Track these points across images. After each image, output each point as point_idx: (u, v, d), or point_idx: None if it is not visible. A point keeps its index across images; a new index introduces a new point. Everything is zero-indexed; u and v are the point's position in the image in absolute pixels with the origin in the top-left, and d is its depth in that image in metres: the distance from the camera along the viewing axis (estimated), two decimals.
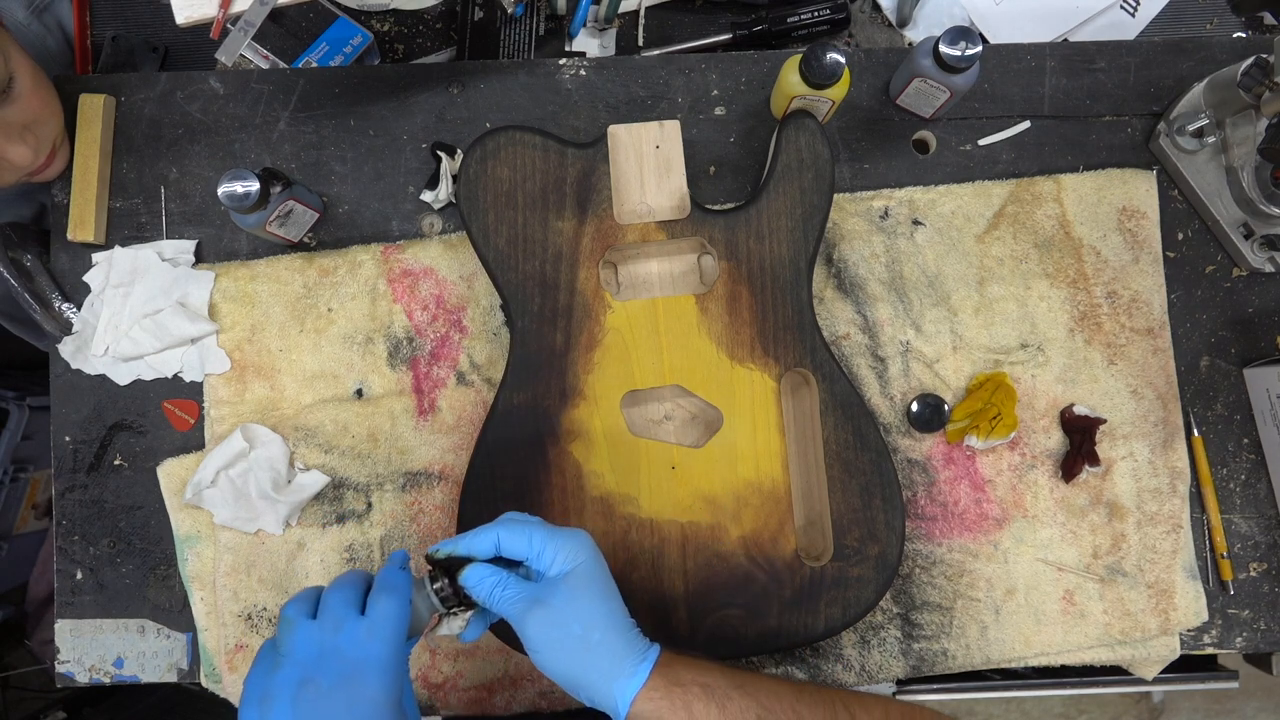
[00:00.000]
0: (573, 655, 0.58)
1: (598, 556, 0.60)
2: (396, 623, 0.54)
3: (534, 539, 0.59)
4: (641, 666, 0.58)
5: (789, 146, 0.73)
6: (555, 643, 0.58)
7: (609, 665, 0.58)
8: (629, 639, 0.59)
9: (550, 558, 0.59)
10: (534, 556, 0.59)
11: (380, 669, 0.53)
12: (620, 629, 0.59)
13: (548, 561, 0.59)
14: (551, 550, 0.59)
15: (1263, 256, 0.79)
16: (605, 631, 0.58)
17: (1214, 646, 0.79)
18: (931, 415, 0.78)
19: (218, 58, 0.69)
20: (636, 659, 0.58)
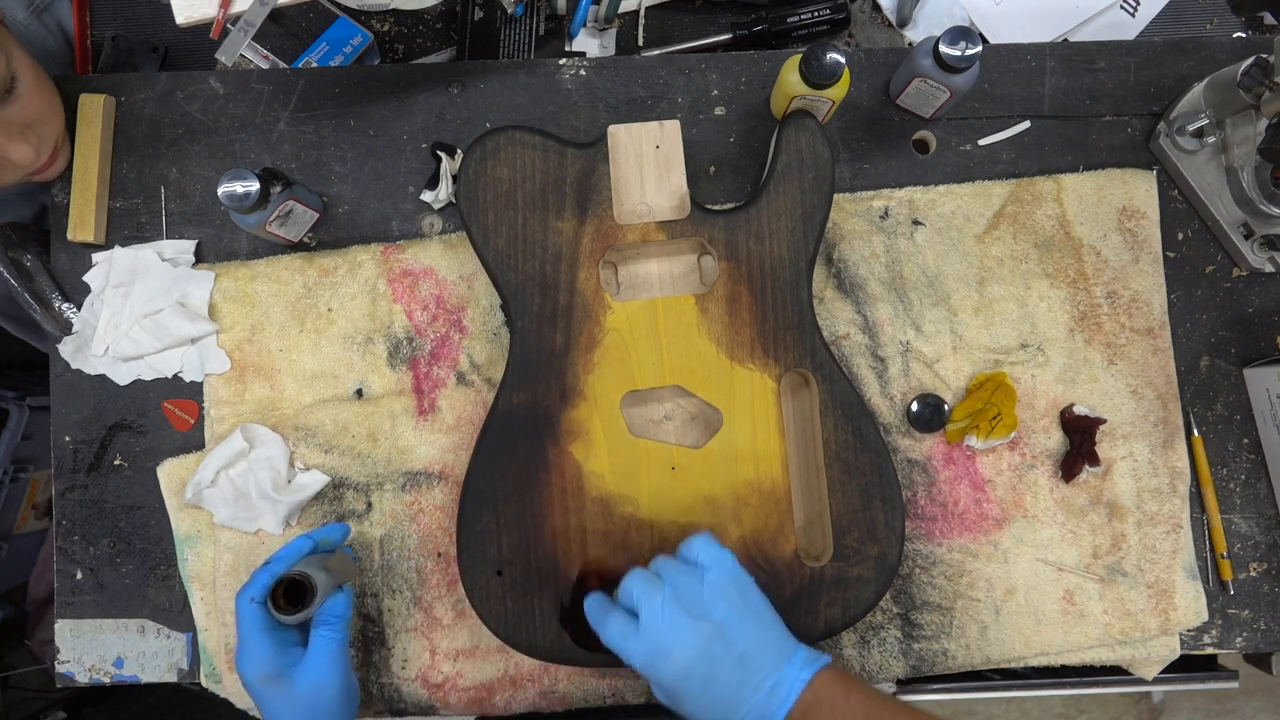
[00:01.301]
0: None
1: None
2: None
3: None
4: (814, 658, 0.59)
5: (789, 146, 0.73)
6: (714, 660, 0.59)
7: (774, 656, 0.59)
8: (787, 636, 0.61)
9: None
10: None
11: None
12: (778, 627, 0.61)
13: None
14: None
15: (1263, 256, 0.79)
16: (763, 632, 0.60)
17: (1214, 646, 0.79)
18: (931, 415, 0.78)
19: (218, 58, 0.69)
20: (806, 654, 0.59)
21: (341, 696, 0.64)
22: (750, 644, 0.59)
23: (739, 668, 0.58)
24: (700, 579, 0.61)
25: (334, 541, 0.70)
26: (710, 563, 0.61)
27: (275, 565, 0.64)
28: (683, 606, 0.59)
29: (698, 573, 0.61)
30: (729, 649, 0.59)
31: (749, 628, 0.59)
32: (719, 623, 0.59)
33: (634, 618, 0.61)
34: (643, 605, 0.60)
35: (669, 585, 0.60)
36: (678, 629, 0.59)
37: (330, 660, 0.64)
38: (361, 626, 0.77)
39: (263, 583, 0.63)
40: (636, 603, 0.61)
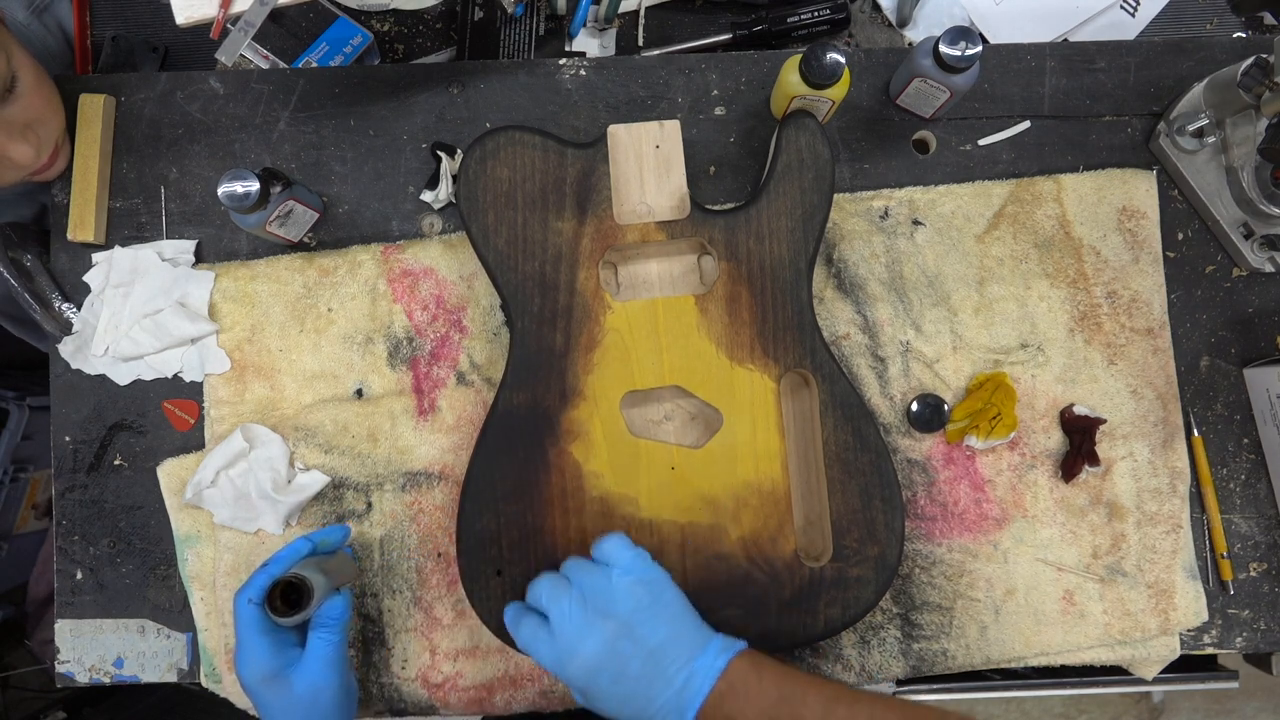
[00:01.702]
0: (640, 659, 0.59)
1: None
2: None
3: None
4: (728, 646, 0.60)
5: (789, 146, 0.73)
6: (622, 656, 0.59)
7: (687, 649, 0.59)
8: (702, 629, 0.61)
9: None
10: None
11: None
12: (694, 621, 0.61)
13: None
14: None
15: (1263, 256, 0.79)
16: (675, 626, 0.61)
17: (1214, 646, 0.79)
18: (931, 415, 0.78)
19: (218, 58, 0.69)
20: (720, 643, 0.60)
21: (339, 698, 0.65)
22: (660, 639, 0.59)
23: (649, 663, 0.59)
24: (608, 577, 0.61)
25: (334, 543, 0.70)
26: (619, 562, 0.62)
27: (273, 567, 0.64)
28: (589, 606, 0.60)
29: (605, 572, 0.62)
30: (638, 645, 0.59)
31: (658, 624, 0.60)
32: (625, 620, 0.60)
33: (545, 620, 0.62)
34: (550, 607, 0.61)
35: (576, 586, 0.62)
36: (584, 628, 0.60)
37: (328, 662, 0.64)
38: (361, 626, 0.77)
39: (260, 584, 0.63)
40: (545, 605, 0.62)
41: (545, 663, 0.62)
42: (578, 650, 0.60)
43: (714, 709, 0.58)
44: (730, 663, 0.59)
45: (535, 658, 0.62)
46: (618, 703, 0.60)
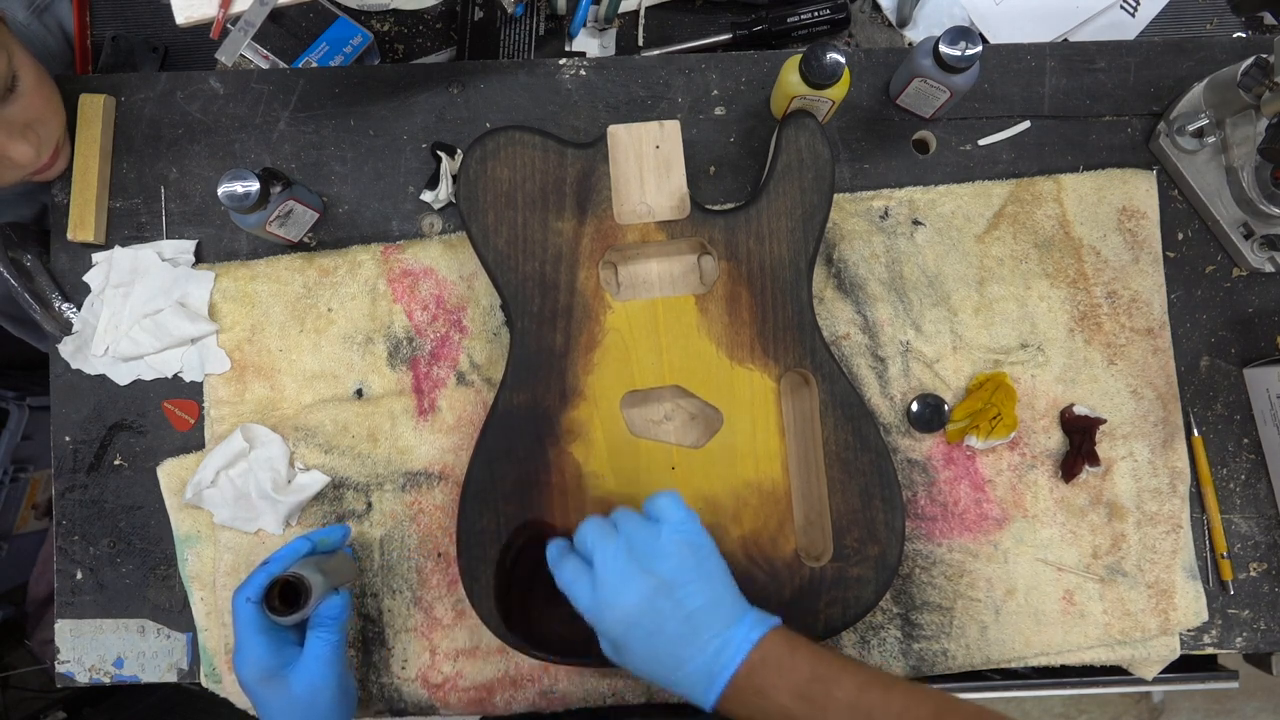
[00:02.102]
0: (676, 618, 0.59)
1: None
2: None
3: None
4: (763, 620, 0.59)
5: (789, 146, 0.73)
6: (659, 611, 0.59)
7: (724, 617, 0.59)
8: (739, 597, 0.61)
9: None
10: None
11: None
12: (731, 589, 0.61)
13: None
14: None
15: (1263, 256, 0.79)
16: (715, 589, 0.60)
17: (1214, 646, 0.79)
18: (931, 415, 0.78)
19: (218, 58, 0.69)
20: (756, 615, 0.60)
21: (337, 698, 0.65)
22: (699, 604, 0.59)
23: (685, 625, 0.59)
24: (657, 534, 0.61)
25: (333, 543, 0.70)
26: (669, 519, 0.62)
27: (272, 565, 0.64)
28: (634, 558, 0.60)
29: (655, 528, 0.61)
30: (677, 606, 0.59)
31: (699, 588, 0.60)
32: (668, 579, 0.59)
33: (588, 564, 0.61)
34: (596, 552, 0.61)
35: (624, 536, 0.61)
36: (625, 579, 0.59)
37: (326, 662, 0.64)
38: (361, 626, 0.77)
39: (259, 583, 0.63)
40: (590, 550, 0.61)
41: (582, 606, 0.61)
42: (617, 600, 0.59)
43: (745, 680, 0.58)
44: (765, 636, 0.59)
45: (573, 600, 0.62)
46: (648, 660, 0.60)
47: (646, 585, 0.59)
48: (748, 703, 0.58)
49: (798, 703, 0.57)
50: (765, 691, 0.57)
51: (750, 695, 0.58)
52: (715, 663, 0.58)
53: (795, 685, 0.57)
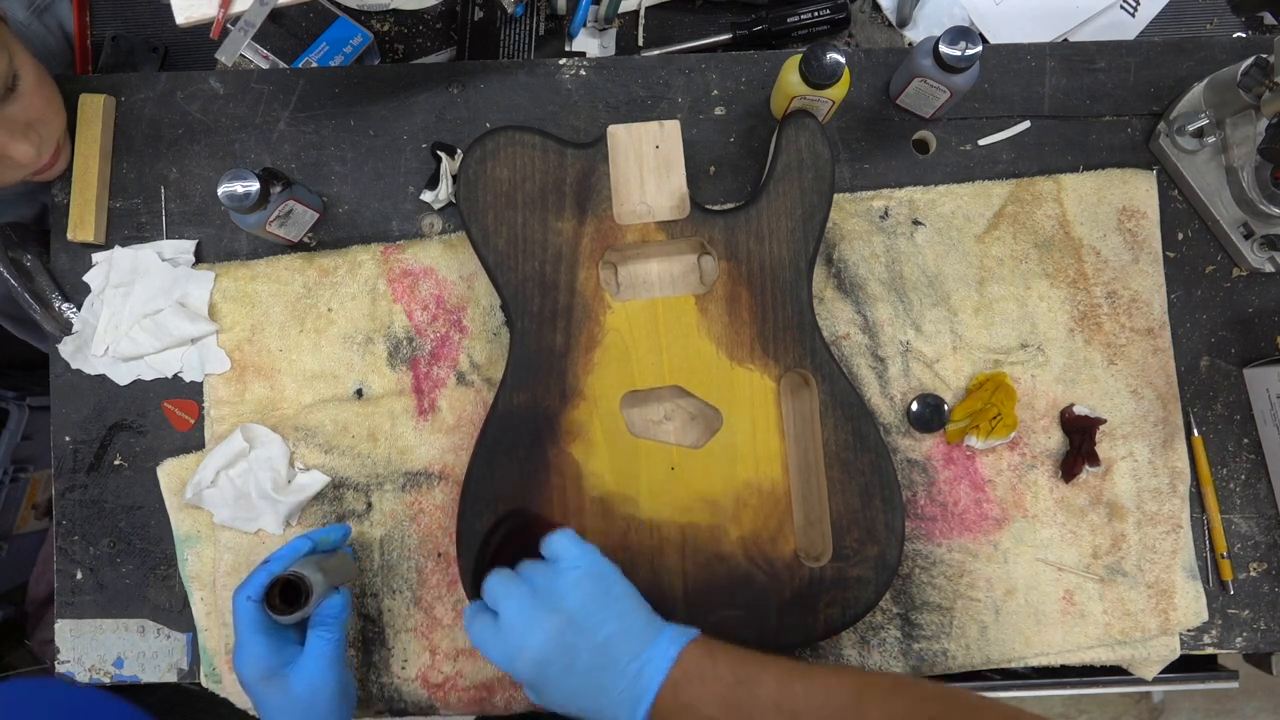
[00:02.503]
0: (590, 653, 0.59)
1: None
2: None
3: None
4: (680, 635, 0.60)
5: (789, 146, 0.73)
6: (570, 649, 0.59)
7: (638, 641, 0.59)
8: (653, 617, 0.61)
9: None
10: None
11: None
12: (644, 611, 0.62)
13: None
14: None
15: (1263, 256, 0.79)
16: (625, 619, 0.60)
17: (1214, 646, 0.79)
18: (931, 415, 0.78)
19: (218, 58, 0.69)
20: (672, 632, 0.60)
21: (337, 697, 0.65)
22: (609, 632, 0.59)
23: (599, 655, 0.59)
24: (556, 573, 0.61)
25: (333, 542, 0.70)
26: (565, 556, 0.62)
27: (273, 564, 0.64)
28: (537, 600, 0.60)
29: (554, 567, 0.62)
30: (586, 637, 0.59)
31: (607, 616, 0.60)
32: (573, 613, 0.60)
33: (496, 617, 0.62)
34: (500, 603, 0.61)
35: (526, 582, 0.61)
36: (530, 622, 0.60)
37: (326, 661, 0.64)
38: (361, 626, 0.77)
39: (259, 581, 0.63)
40: (495, 601, 0.62)
41: (495, 658, 0.61)
42: (525, 644, 0.59)
43: (670, 698, 0.58)
44: (682, 651, 0.59)
45: (486, 654, 0.62)
46: (569, 697, 0.60)
47: (553, 624, 0.59)
48: (676, 719, 0.58)
49: (725, 711, 0.57)
50: (693, 705, 0.57)
51: (677, 712, 0.58)
52: (636, 686, 0.58)
53: (719, 694, 0.57)
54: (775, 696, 0.57)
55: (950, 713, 0.55)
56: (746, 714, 0.57)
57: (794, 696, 0.57)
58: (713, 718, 0.57)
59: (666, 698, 0.57)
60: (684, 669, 0.58)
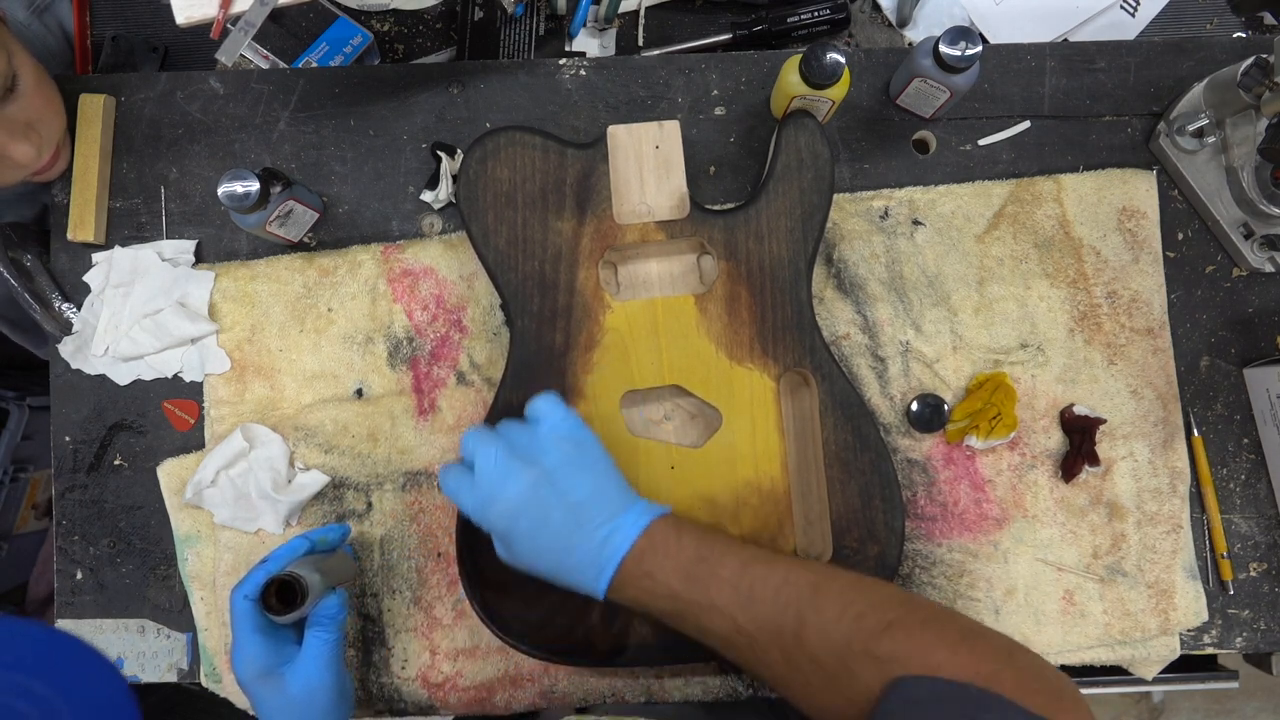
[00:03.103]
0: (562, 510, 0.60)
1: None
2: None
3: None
4: (651, 509, 0.61)
5: (789, 146, 0.73)
6: (543, 504, 0.60)
7: (610, 506, 0.60)
8: (627, 491, 0.62)
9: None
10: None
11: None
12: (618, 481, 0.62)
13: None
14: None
15: (1263, 256, 0.79)
16: (601, 482, 0.61)
17: (1214, 646, 0.79)
18: (931, 415, 0.78)
19: (218, 58, 0.69)
20: (644, 505, 0.61)
21: (334, 697, 0.65)
22: (583, 494, 0.60)
23: (570, 515, 0.59)
24: (535, 432, 0.62)
25: (332, 542, 0.70)
26: (547, 418, 0.63)
27: (271, 564, 0.64)
28: (515, 454, 0.61)
29: (534, 427, 0.63)
30: (560, 496, 0.60)
31: (582, 479, 0.61)
32: (549, 469, 0.60)
33: (471, 470, 0.62)
34: (477, 454, 0.61)
35: (504, 437, 0.62)
36: (506, 473, 0.60)
37: (323, 661, 0.64)
38: (361, 626, 0.77)
39: (256, 581, 0.63)
40: (472, 453, 0.62)
41: (468, 508, 0.62)
42: (499, 494, 0.60)
43: (634, 565, 0.59)
44: (652, 522, 0.60)
45: (459, 504, 0.63)
46: (536, 553, 0.61)
47: (528, 476, 0.60)
48: (637, 585, 0.59)
49: (683, 583, 0.58)
50: (653, 574, 0.59)
51: (639, 579, 0.59)
52: (603, 551, 0.59)
53: (681, 566, 0.58)
54: (734, 576, 0.58)
55: (908, 619, 0.54)
56: (704, 588, 0.58)
57: (752, 578, 0.58)
58: (671, 587, 0.58)
59: (630, 564, 0.59)
60: (651, 539, 0.59)
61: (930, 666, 0.51)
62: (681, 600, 0.58)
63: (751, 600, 0.57)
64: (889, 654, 0.52)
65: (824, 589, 0.57)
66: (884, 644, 0.53)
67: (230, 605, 0.64)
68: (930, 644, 0.52)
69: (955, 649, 0.51)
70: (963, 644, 0.52)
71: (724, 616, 0.58)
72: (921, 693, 0.50)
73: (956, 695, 0.49)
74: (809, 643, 0.55)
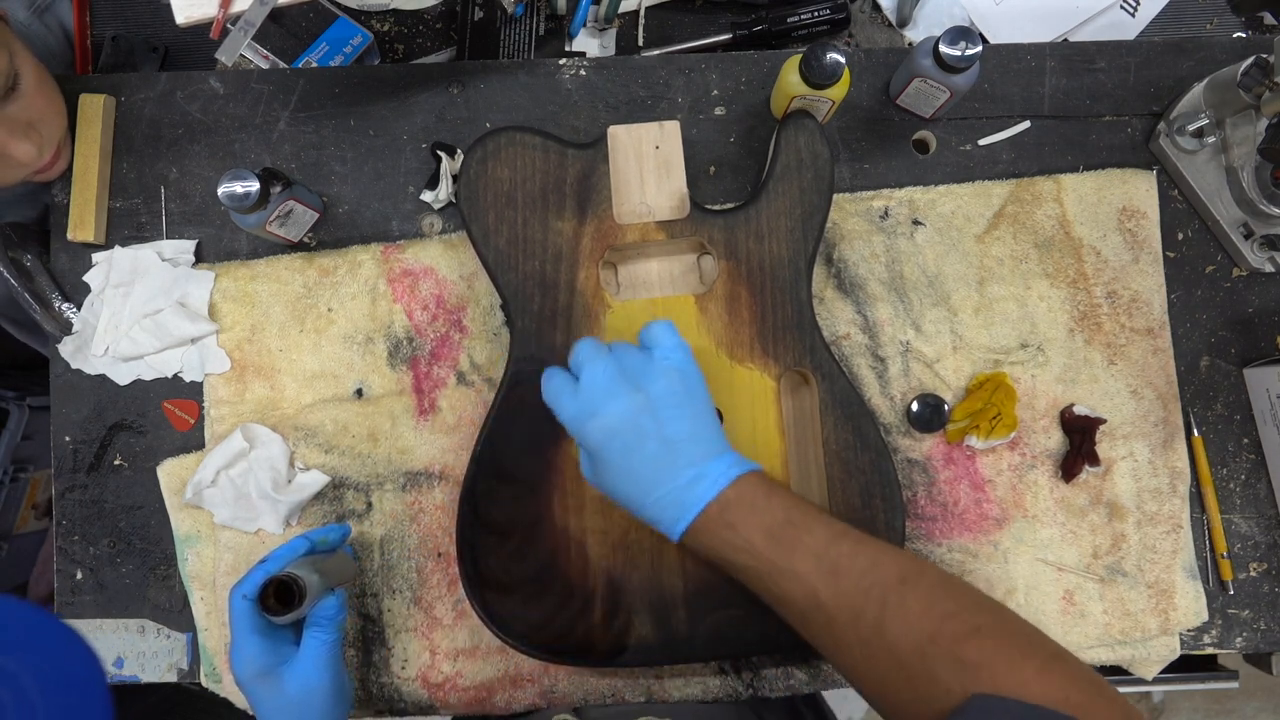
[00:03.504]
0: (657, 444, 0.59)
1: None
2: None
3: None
4: (744, 462, 0.60)
5: (788, 146, 0.73)
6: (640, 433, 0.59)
7: (704, 449, 0.59)
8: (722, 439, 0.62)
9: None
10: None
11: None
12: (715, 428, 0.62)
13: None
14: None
15: (1263, 256, 0.79)
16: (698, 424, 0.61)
17: (1214, 646, 0.79)
18: (931, 415, 0.78)
19: (218, 58, 0.69)
20: (737, 456, 0.60)
21: (332, 697, 0.64)
22: (681, 431, 0.59)
23: (664, 447, 0.59)
24: (649, 358, 0.62)
25: (332, 542, 0.70)
26: (661, 344, 0.62)
27: (271, 564, 0.64)
28: (623, 374, 0.60)
29: (647, 353, 0.62)
30: (659, 426, 0.59)
31: (683, 414, 0.60)
32: (654, 397, 0.60)
33: (576, 380, 0.62)
34: (585, 367, 0.61)
35: (615, 356, 0.62)
36: (611, 391, 0.60)
37: (320, 662, 0.64)
38: (361, 626, 0.77)
39: (255, 580, 0.63)
40: (580, 364, 0.62)
41: (566, 415, 0.62)
42: (600, 410, 0.60)
43: (717, 515, 0.58)
44: (743, 475, 0.59)
45: (557, 410, 0.62)
46: (621, 478, 0.60)
47: (632, 401, 0.59)
48: (717, 535, 0.58)
49: (767, 541, 0.57)
50: (735, 526, 0.58)
51: (720, 528, 0.58)
52: (690, 492, 0.58)
53: (767, 525, 0.58)
54: (821, 547, 0.57)
55: (998, 628, 0.51)
56: (788, 552, 0.57)
57: (839, 554, 0.56)
58: (753, 543, 0.57)
59: (713, 512, 0.58)
60: (739, 492, 0.58)
61: (1017, 682, 0.48)
62: (763, 559, 0.57)
63: (836, 575, 0.55)
64: (975, 660, 0.50)
65: (912, 581, 0.55)
66: (970, 649, 0.50)
67: (229, 604, 0.64)
68: (1019, 659, 0.49)
69: (1046, 669, 0.49)
70: (1055, 665, 0.49)
71: (804, 586, 0.56)
72: (1007, 713, 0.47)
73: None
74: (890, 632, 0.53)
